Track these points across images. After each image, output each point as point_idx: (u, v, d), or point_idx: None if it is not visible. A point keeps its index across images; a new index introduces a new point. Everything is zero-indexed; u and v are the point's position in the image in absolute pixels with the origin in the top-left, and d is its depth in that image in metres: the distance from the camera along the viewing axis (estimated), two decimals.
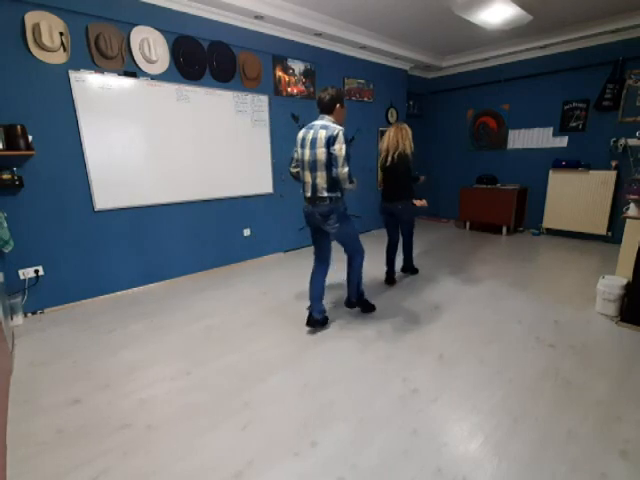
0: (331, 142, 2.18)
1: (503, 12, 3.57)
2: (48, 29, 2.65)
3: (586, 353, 2.23)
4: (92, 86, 2.95)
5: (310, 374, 2.08)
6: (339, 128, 2.20)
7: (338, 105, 2.31)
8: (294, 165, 2.49)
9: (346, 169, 2.19)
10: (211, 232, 3.91)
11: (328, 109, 2.31)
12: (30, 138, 2.66)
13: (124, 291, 3.40)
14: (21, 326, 2.77)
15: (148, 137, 3.31)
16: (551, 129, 5.10)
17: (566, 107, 4.90)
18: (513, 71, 5.32)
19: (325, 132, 2.20)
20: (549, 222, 5.20)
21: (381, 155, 3.19)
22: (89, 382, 2.05)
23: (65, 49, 2.79)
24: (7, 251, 2.64)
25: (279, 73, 4.21)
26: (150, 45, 3.14)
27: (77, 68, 2.87)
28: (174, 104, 3.42)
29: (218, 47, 3.61)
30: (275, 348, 2.37)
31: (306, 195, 2.39)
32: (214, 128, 3.74)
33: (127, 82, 3.12)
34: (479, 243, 4.98)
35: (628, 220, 2.71)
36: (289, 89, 4.33)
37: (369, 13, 3.96)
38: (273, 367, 2.16)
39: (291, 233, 4.65)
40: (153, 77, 3.26)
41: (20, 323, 2.79)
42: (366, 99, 5.27)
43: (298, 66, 4.38)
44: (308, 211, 2.42)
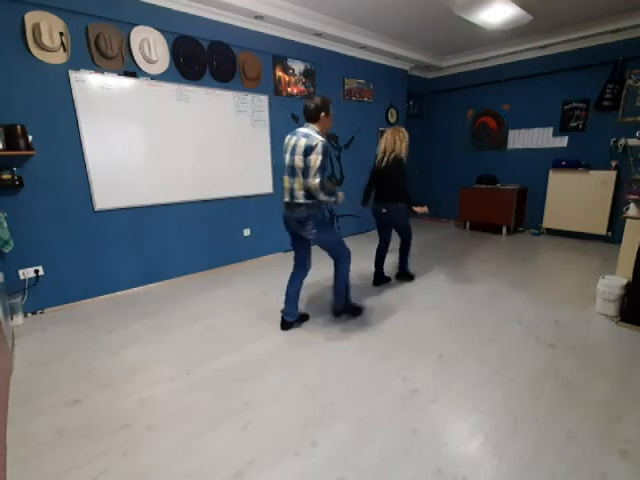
0: (308, 152, 2.18)
1: (503, 12, 3.57)
2: (48, 29, 2.65)
3: (586, 353, 2.23)
4: (92, 86, 2.95)
5: (310, 374, 2.08)
6: (320, 139, 2.19)
7: (323, 114, 2.30)
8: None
9: (317, 180, 2.18)
10: (211, 232, 3.91)
11: (313, 118, 2.31)
12: (30, 138, 2.66)
13: (124, 291, 3.40)
14: (21, 326, 2.76)
15: (148, 137, 3.31)
16: (551, 129, 5.10)
17: (566, 107, 4.90)
18: (513, 71, 5.32)
19: (305, 141, 2.20)
20: (549, 222, 5.20)
21: (377, 157, 3.15)
22: (89, 382, 2.05)
23: (65, 49, 2.79)
24: (7, 251, 2.64)
25: (279, 73, 4.21)
26: (150, 45, 3.14)
27: (77, 68, 2.87)
28: (174, 104, 3.42)
29: (218, 47, 3.61)
30: (275, 348, 2.37)
31: (284, 200, 2.41)
32: (214, 128, 3.74)
33: (127, 82, 3.12)
34: (479, 243, 4.98)
35: (628, 220, 2.71)
36: (289, 89, 4.33)
37: (369, 13, 3.96)
38: (273, 367, 2.16)
39: None
40: (153, 77, 3.26)
41: (20, 323, 2.79)
42: (366, 99, 5.27)
43: (298, 66, 4.38)
44: (286, 216, 2.44)
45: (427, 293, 3.22)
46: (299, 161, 2.23)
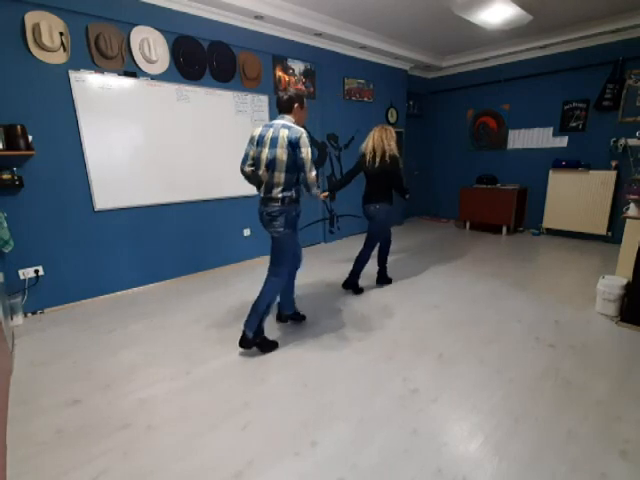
0: (295, 145, 2.08)
1: (503, 12, 3.58)
2: (48, 29, 2.65)
3: (586, 353, 2.23)
4: (92, 86, 2.95)
5: (310, 374, 2.08)
6: (301, 130, 2.12)
7: (297, 105, 2.22)
8: (250, 163, 2.27)
9: (314, 173, 2.12)
10: (211, 232, 3.91)
11: (287, 109, 2.22)
12: (30, 138, 2.66)
13: (124, 291, 3.39)
14: (21, 326, 2.76)
15: (148, 137, 3.31)
16: (551, 129, 5.10)
17: (566, 107, 4.90)
18: (513, 71, 5.32)
19: (288, 132, 2.09)
20: (549, 222, 5.20)
21: (364, 157, 3.04)
22: (89, 382, 2.05)
23: (65, 49, 2.78)
24: (7, 251, 2.64)
25: (279, 73, 4.21)
26: (150, 45, 3.14)
27: (77, 68, 2.87)
28: (174, 104, 3.42)
29: (218, 47, 3.61)
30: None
31: (260, 194, 2.30)
32: (214, 128, 3.74)
33: (127, 82, 3.12)
34: (479, 243, 4.98)
35: (628, 220, 2.71)
36: (289, 89, 4.33)
37: (369, 13, 3.96)
38: (273, 367, 2.16)
39: None
40: (153, 77, 3.26)
41: (20, 323, 2.79)
42: (366, 99, 5.27)
43: (298, 66, 4.38)
44: (260, 211, 2.30)
45: (427, 293, 3.22)
46: (282, 154, 2.09)
